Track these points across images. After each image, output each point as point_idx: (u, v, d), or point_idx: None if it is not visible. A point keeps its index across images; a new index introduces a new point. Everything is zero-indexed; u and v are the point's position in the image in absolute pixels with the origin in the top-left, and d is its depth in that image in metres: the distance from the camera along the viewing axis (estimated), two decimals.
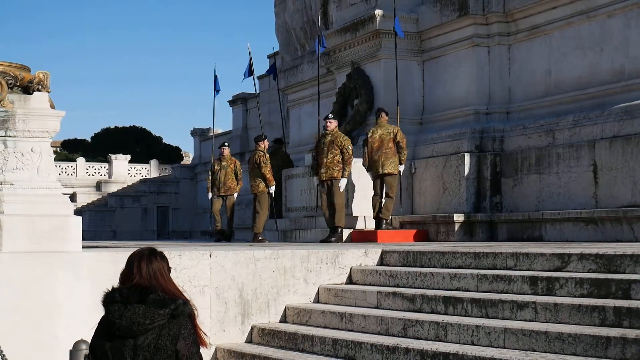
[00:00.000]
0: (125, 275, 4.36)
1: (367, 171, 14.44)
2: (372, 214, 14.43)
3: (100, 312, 4.37)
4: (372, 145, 14.25)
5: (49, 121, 8.56)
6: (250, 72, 19.40)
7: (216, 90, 20.41)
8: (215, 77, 20.24)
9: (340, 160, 14.12)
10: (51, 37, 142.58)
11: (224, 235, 18.01)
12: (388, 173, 14.16)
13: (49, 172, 8.56)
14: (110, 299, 4.26)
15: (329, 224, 14.23)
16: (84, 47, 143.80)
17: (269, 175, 16.29)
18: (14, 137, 8.41)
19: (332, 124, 14.37)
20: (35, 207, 8.30)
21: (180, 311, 4.23)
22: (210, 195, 17.85)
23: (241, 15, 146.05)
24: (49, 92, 8.72)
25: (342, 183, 14.11)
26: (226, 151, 17.93)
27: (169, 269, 4.46)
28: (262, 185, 16.31)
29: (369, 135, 14.39)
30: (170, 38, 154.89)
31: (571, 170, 12.60)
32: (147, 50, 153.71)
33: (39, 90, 8.59)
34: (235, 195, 17.91)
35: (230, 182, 17.68)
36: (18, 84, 8.54)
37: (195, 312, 4.37)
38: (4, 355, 6.56)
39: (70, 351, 5.92)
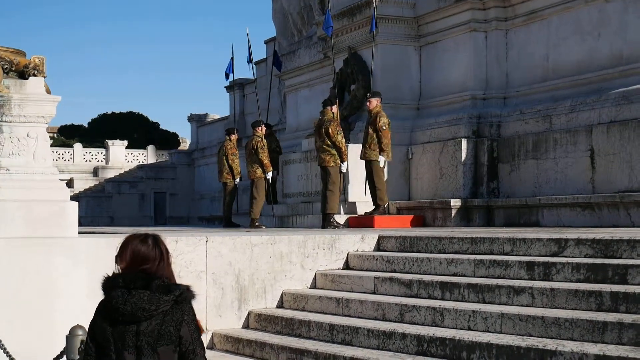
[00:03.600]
0: (124, 260, 4.31)
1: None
2: (366, 199, 14.56)
3: (97, 297, 4.34)
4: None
5: (45, 106, 8.53)
6: (250, 57, 19.32)
7: (227, 72, 20.05)
8: (232, 59, 19.89)
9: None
10: (48, 26, 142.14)
11: None
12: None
13: (45, 157, 8.53)
14: (112, 284, 4.22)
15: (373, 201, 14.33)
16: (81, 35, 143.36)
17: (266, 161, 16.34)
18: (10, 122, 8.38)
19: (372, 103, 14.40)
20: (31, 193, 8.28)
21: (184, 297, 4.21)
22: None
23: (238, 1, 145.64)
24: (44, 77, 8.68)
25: (381, 160, 14.20)
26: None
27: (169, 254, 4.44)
28: (259, 171, 16.36)
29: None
30: (167, 24, 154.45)
31: (568, 156, 12.59)
32: (143, 37, 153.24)
33: (34, 75, 8.55)
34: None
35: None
36: (14, 68, 8.50)
37: (193, 298, 4.36)
38: (0, 341, 6.55)
39: (67, 337, 5.91)
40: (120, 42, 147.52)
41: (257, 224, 16.05)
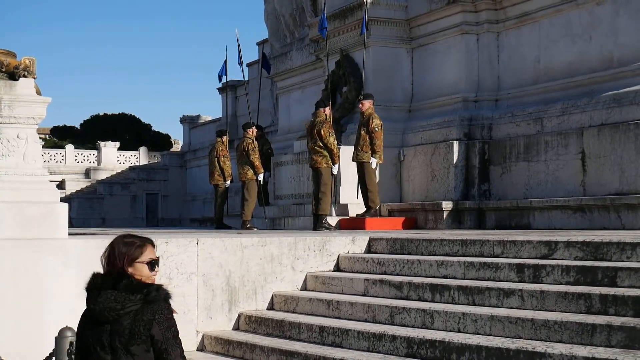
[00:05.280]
0: (105, 261, 4.37)
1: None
2: (358, 201, 14.53)
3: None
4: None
5: (35, 107, 8.52)
6: (240, 59, 19.30)
7: (220, 75, 20.05)
8: (225, 61, 19.88)
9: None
10: (40, 26, 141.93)
11: None
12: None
13: (35, 158, 8.52)
14: (91, 285, 4.28)
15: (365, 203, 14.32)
16: (74, 36, 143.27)
17: (258, 163, 16.36)
18: (0, 123, 8.37)
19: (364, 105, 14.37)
20: (21, 194, 8.26)
21: (153, 296, 4.19)
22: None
23: (230, 2, 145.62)
24: (34, 78, 8.67)
25: (373, 162, 14.16)
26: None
27: None
28: (250, 172, 16.37)
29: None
30: (159, 26, 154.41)
31: (559, 158, 12.61)
32: (136, 39, 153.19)
33: (24, 76, 8.54)
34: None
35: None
36: (4, 69, 8.48)
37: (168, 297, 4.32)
38: None
39: (56, 338, 5.91)
40: (112, 43, 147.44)
41: (248, 225, 16.04)
